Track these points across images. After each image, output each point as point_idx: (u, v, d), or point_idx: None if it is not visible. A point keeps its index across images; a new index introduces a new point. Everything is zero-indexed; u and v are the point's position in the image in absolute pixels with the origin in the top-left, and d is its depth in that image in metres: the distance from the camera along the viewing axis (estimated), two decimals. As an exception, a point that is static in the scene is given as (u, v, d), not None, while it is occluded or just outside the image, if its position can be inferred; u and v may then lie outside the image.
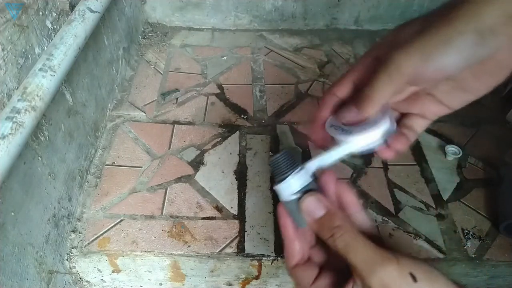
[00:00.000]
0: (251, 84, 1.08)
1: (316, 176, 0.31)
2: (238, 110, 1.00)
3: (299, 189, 0.29)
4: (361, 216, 0.32)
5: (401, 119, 0.34)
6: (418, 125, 0.34)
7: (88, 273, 0.75)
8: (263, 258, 0.72)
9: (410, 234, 0.76)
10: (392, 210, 0.80)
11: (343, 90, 0.33)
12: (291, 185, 0.29)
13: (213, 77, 1.10)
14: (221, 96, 1.04)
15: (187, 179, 0.84)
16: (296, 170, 0.30)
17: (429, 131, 0.96)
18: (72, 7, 0.72)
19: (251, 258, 0.72)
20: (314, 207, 0.29)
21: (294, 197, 0.30)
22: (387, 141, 0.31)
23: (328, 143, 0.33)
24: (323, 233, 0.29)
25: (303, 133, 0.94)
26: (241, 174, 0.85)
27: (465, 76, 0.29)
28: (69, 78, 0.72)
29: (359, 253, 0.26)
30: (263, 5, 1.23)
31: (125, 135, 0.93)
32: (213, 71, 1.12)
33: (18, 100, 0.52)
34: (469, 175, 0.86)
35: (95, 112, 0.87)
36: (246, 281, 0.77)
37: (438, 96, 0.31)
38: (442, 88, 0.31)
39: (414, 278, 0.25)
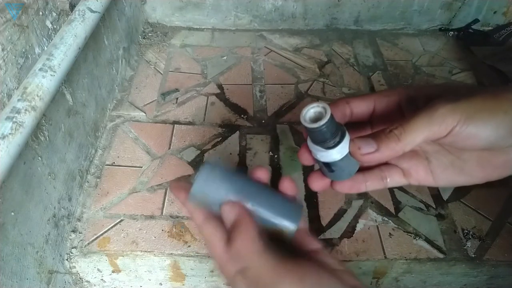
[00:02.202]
0: (251, 84, 1.08)
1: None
2: (238, 110, 1.00)
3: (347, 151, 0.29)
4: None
5: (379, 165, 0.32)
6: (394, 180, 0.32)
7: (88, 273, 0.75)
8: (263, 258, 0.72)
9: (410, 234, 0.76)
10: (392, 210, 0.80)
11: (361, 106, 0.31)
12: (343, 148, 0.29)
13: (213, 77, 1.10)
14: (221, 96, 1.04)
15: (187, 179, 0.84)
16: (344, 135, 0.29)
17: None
18: (72, 7, 0.72)
19: (251, 258, 0.72)
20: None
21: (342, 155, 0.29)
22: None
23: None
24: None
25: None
26: (241, 174, 0.85)
27: (471, 159, 0.28)
28: (69, 78, 0.72)
29: (254, 274, 0.27)
30: (263, 5, 1.23)
31: (125, 135, 0.93)
32: (213, 71, 1.12)
33: (18, 100, 0.52)
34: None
35: (95, 112, 0.87)
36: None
37: (433, 165, 0.30)
38: (442, 159, 0.30)
39: None
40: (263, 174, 0.33)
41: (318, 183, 0.33)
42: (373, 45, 1.24)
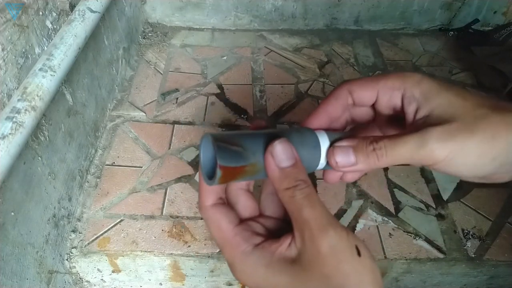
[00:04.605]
0: (251, 84, 1.08)
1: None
2: (238, 110, 1.00)
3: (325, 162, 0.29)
4: None
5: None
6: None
7: (88, 273, 0.75)
8: (263, 258, 0.72)
9: (410, 234, 0.76)
10: (392, 210, 0.80)
11: (364, 96, 0.29)
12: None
13: (213, 77, 1.10)
14: (221, 96, 1.04)
15: (187, 179, 0.84)
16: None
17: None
18: (72, 7, 0.72)
19: (251, 258, 0.72)
20: (285, 155, 0.26)
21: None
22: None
23: None
24: (285, 183, 0.26)
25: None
26: (241, 174, 0.85)
27: None
28: (69, 78, 0.72)
29: (317, 210, 0.25)
30: (263, 5, 1.23)
31: (125, 135, 0.93)
32: (213, 71, 1.12)
33: (18, 100, 0.52)
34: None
35: (95, 112, 0.87)
36: (246, 281, 0.77)
37: None
38: None
39: (358, 252, 0.24)
40: (261, 122, 0.30)
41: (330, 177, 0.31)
42: (373, 45, 1.24)
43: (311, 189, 0.26)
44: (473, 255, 0.73)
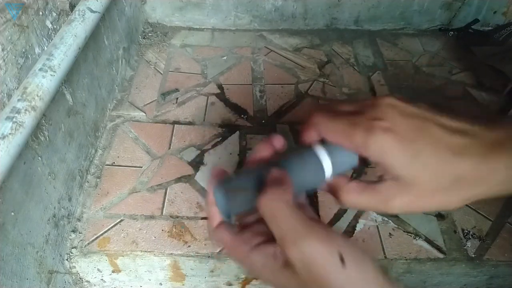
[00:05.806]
0: (251, 84, 1.08)
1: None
2: (238, 110, 1.00)
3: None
4: None
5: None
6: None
7: (88, 273, 0.75)
8: (263, 258, 0.72)
9: (410, 234, 0.76)
10: (392, 210, 0.80)
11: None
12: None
13: (213, 77, 1.10)
14: (221, 96, 1.04)
15: (187, 179, 0.84)
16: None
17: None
18: (72, 7, 0.72)
19: (251, 258, 0.72)
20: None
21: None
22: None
23: None
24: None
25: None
26: (241, 174, 0.85)
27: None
28: (69, 78, 0.72)
29: (282, 222, 0.24)
30: (263, 5, 1.23)
31: (125, 135, 0.93)
32: (213, 71, 1.12)
33: (18, 100, 0.52)
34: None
35: (95, 112, 0.87)
36: (246, 281, 0.77)
37: None
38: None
39: (342, 261, 0.22)
40: (278, 142, 0.31)
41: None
42: (373, 45, 1.24)
43: (277, 201, 0.26)
44: (473, 255, 0.73)
